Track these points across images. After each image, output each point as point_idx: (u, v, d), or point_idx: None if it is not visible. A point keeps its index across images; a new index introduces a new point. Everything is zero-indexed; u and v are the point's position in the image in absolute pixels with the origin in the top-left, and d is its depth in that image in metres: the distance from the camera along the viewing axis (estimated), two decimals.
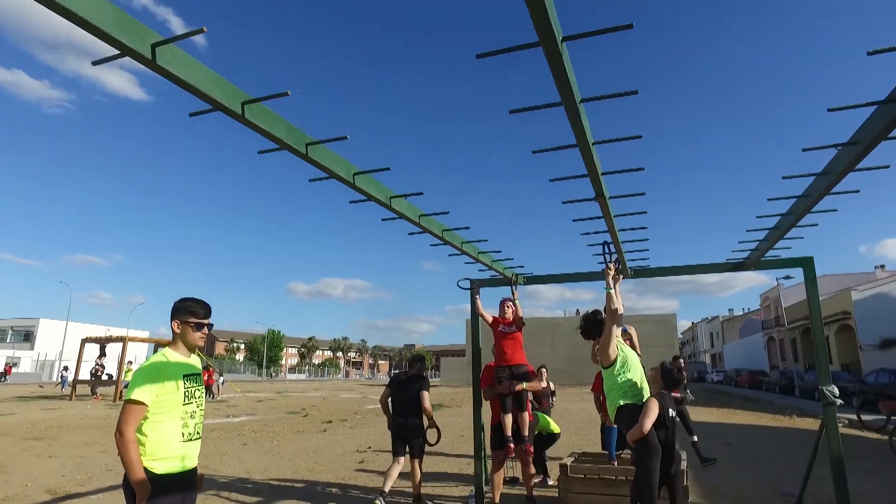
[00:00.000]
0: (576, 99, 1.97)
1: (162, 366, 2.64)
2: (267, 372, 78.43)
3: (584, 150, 2.40)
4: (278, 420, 15.30)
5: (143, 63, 1.74)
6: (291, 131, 2.36)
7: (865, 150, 2.88)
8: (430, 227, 3.82)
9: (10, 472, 7.36)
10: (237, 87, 2.10)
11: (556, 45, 1.78)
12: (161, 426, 2.58)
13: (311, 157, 2.44)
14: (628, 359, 3.94)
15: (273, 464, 8.26)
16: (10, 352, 56.58)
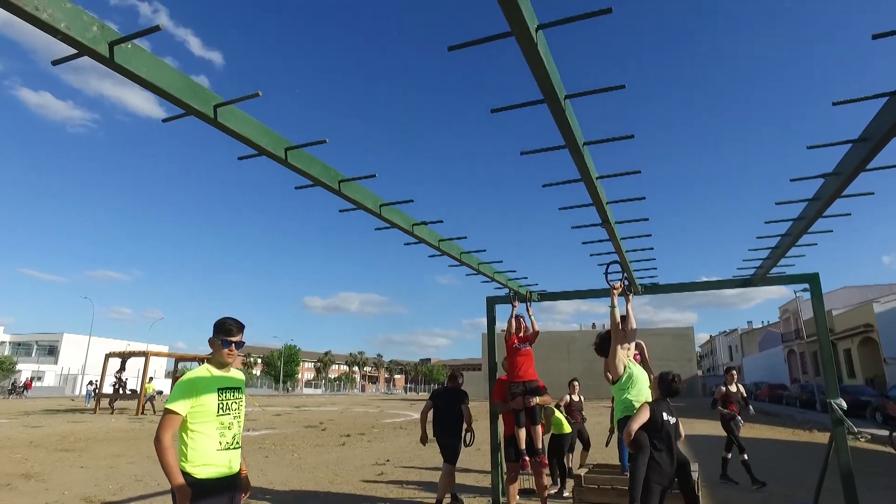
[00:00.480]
0: (578, 143, 2.22)
1: (197, 380, 2.88)
2: (283, 386, 78.93)
3: (589, 185, 2.64)
4: (297, 434, 15.55)
5: (207, 121, 2.02)
6: (326, 170, 2.64)
7: (876, 149, 2.60)
8: (449, 250, 4.07)
9: (48, 481, 7.71)
10: (282, 136, 2.38)
11: (532, 36, 1.79)
12: (199, 435, 2.82)
13: (344, 193, 2.72)
14: (633, 375, 4.11)
15: (294, 476, 8.50)
16: (36, 366, 57.81)
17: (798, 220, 3.66)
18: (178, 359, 27.53)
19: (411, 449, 12.00)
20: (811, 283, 5.23)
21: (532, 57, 1.88)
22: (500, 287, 5.68)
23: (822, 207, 3.09)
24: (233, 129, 2.16)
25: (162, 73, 1.96)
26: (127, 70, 1.87)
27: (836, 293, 46.49)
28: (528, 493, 6.95)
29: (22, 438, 13.25)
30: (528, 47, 1.83)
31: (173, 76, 2.00)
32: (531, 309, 5.63)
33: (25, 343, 63.79)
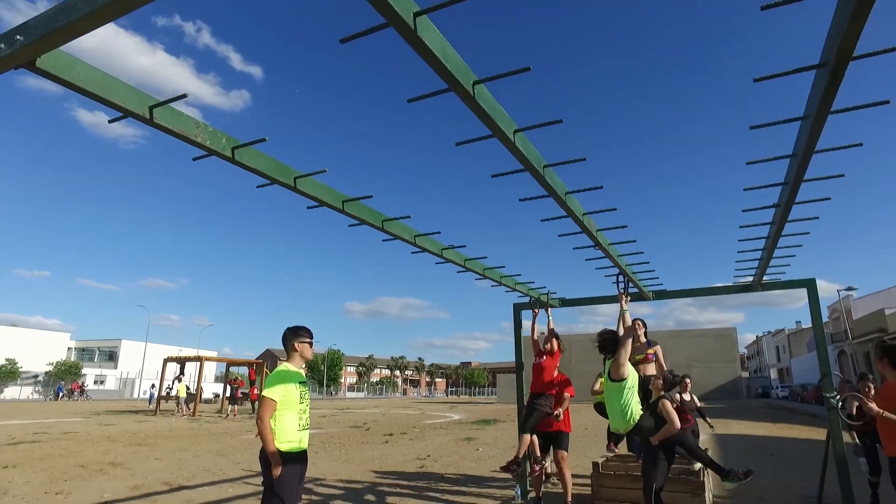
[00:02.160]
0: (560, 192, 2.88)
1: (285, 374, 3.72)
2: (327, 390, 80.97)
3: (577, 221, 3.28)
4: (343, 433, 16.50)
5: (227, 160, 2.61)
6: (373, 214, 3.38)
7: (817, 124, 2.55)
8: (473, 267, 4.80)
9: (131, 468, 8.81)
10: (289, 167, 3.03)
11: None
12: (284, 418, 3.64)
13: (387, 230, 3.46)
14: (634, 375, 4.56)
15: (343, 468, 9.36)
16: (98, 370, 61.45)
17: (777, 206, 3.84)
18: (230, 363, 29.11)
19: (451, 446, 12.73)
20: (808, 287, 5.69)
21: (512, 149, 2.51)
22: (522, 294, 6.37)
23: (790, 194, 3.38)
24: (249, 165, 2.83)
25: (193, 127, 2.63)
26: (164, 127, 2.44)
27: (892, 291, 44.69)
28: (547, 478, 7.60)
29: (99, 434, 14.66)
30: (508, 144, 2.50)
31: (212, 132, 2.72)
32: (549, 313, 6.26)
33: (89, 349, 67.82)
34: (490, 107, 2.35)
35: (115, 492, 7.02)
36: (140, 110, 2.18)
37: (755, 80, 2.38)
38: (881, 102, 2.34)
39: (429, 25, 1.95)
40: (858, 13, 1.77)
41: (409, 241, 4.14)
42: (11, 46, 1.63)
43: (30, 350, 55.16)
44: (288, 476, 3.56)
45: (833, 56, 2.03)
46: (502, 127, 2.43)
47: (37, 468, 8.85)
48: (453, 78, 2.10)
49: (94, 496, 6.73)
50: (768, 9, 2.04)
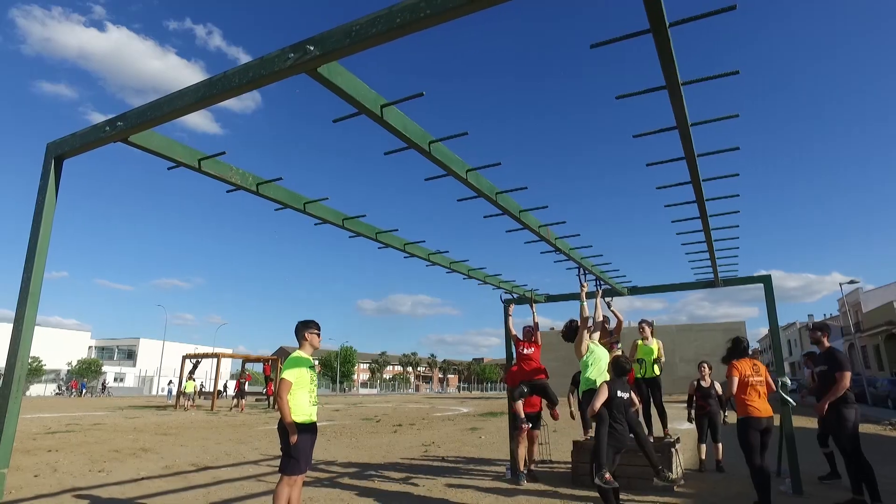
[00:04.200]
0: (515, 211, 3.62)
1: (299, 359, 4.49)
2: (340, 387, 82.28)
3: (534, 232, 4.01)
4: (354, 424, 17.35)
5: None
6: (369, 228, 4.15)
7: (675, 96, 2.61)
8: (474, 274, 5.53)
9: (160, 453, 9.70)
10: (256, 175, 3.88)
11: None
12: (299, 395, 4.41)
13: (380, 240, 4.22)
14: (595, 353, 5.29)
15: (353, 453, 10.16)
16: (118, 368, 63.16)
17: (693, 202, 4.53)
18: (246, 360, 30.14)
19: (456, 435, 13.51)
20: (765, 283, 6.35)
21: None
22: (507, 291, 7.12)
23: (697, 192, 3.99)
24: (270, 196, 3.66)
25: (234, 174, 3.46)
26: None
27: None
28: (542, 463, 8.33)
29: (126, 426, 15.64)
30: None
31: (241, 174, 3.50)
32: (534, 308, 6.98)
33: (108, 348, 69.67)
34: (447, 158, 3.10)
35: (150, 470, 7.87)
36: (191, 162, 2.93)
37: (591, 47, 2.37)
38: (731, 72, 2.47)
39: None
40: None
41: (399, 248, 4.96)
42: (114, 128, 2.39)
43: (52, 349, 56.89)
44: (303, 442, 4.34)
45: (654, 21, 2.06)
46: (456, 170, 3.19)
47: (76, 452, 9.76)
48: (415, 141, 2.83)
49: (132, 473, 7.58)
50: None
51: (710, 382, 7.79)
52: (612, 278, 6.34)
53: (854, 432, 5.27)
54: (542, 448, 8.98)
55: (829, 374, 5.40)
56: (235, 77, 2.14)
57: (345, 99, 2.31)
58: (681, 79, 2.47)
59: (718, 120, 2.88)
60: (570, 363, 6.92)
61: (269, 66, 2.05)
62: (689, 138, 2.98)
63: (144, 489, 6.58)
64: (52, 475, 7.46)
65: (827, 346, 5.64)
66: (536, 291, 7.31)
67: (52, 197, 2.57)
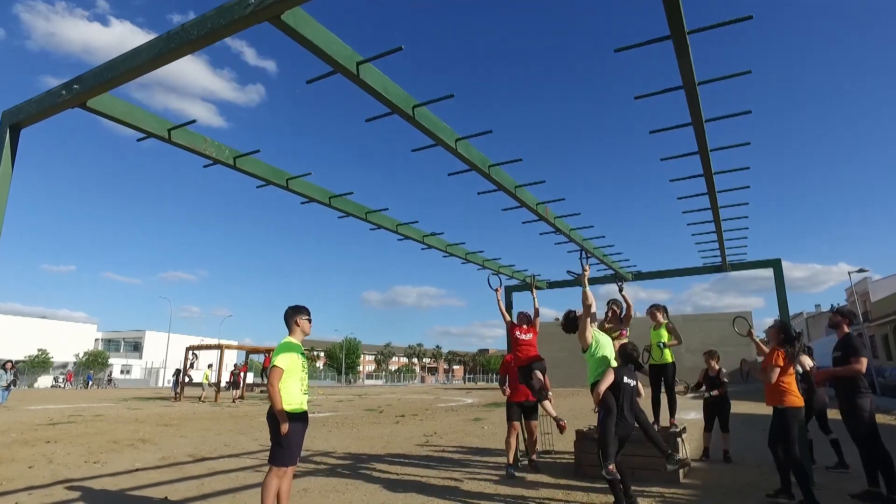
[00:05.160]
0: (510, 187, 3.39)
1: (292, 346, 4.31)
2: (346, 378, 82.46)
3: (569, 236, 3.80)
4: (357, 415, 17.24)
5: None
6: (358, 207, 3.95)
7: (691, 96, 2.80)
8: (472, 258, 5.33)
9: (159, 444, 9.59)
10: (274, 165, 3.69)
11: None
12: (289, 383, 4.23)
13: (370, 220, 4.02)
14: (600, 343, 5.04)
15: (353, 443, 10.02)
16: (124, 360, 63.49)
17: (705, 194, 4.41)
18: (249, 351, 30.11)
19: (459, 425, 13.36)
20: (774, 267, 6.11)
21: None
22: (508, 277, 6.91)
23: (708, 184, 3.88)
24: (248, 171, 3.45)
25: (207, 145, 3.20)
26: (181, 145, 2.98)
27: None
28: (546, 453, 8.15)
29: (129, 416, 15.60)
30: None
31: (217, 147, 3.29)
32: (535, 293, 6.75)
33: (114, 340, 70.05)
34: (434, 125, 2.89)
35: (146, 461, 7.75)
36: (160, 132, 2.73)
37: (615, 51, 2.68)
38: (743, 73, 2.63)
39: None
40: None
41: (391, 229, 4.74)
42: (71, 92, 2.19)
43: (59, 341, 57.25)
44: (294, 432, 4.16)
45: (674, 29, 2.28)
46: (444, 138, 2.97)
47: (75, 443, 9.66)
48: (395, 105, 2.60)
49: (128, 465, 7.46)
50: None
51: (717, 370, 7.66)
52: (615, 262, 6.11)
53: (870, 421, 5.07)
54: (544, 438, 8.82)
55: (843, 361, 5.17)
56: (193, 29, 1.94)
57: (315, 53, 2.13)
58: (697, 78, 2.60)
59: (731, 77, 2.70)
60: (572, 354, 6.73)
61: (227, 14, 1.85)
62: (695, 98, 2.79)
63: (138, 480, 6.45)
64: (46, 466, 7.35)
65: (846, 332, 5.41)
66: (538, 277, 7.10)
67: (7, 167, 2.37)
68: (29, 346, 53.79)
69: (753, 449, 8.28)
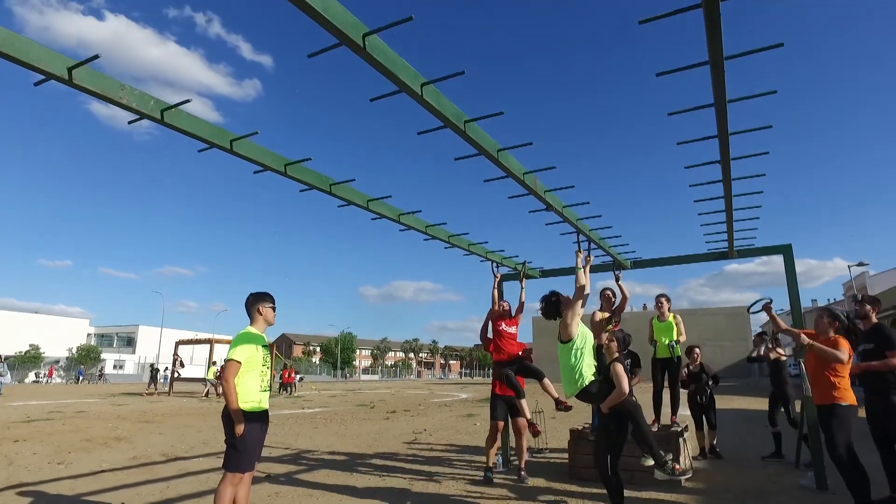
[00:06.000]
0: (519, 173, 2.93)
1: (249, 336, 3.85)
2: (342, 373, 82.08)
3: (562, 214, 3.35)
4: (348, 411, 16.81)
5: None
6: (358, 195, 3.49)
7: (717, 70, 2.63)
8: (456, 241, 4.88)
9: (133, 442, 9.13)
10: (281, 155, 3.22)
11: None
12: (247, 379, 3.77)
13: (372, 209, 3.57)
14: (587, 335, 4.27)
15: (338, 441, 9.58)
16: (117, 355, 62.88)
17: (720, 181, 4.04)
18: None
19: (450, 422, 12.94)
20: (785, 253, 5.67)
21: None
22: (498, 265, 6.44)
23: (724, 170, 3.52)
24: (181, 128, 3.14)
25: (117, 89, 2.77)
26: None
27: None
28: (539, 452, 7.72)
29: (111, 413, 15.13)
30: None
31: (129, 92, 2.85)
32: (524, 283, 6.28)
33: (107, 335, 69.41)
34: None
35: (114, 462, 7.29)
36: (59, 72, 2.26)
37: (640, 22, 2.53)
38: (775, 46, 2.39)
39: None
40: None
41: (393, 219, 4.41)
42: None
43: (51, 336, 56.64)
44: (250, 434, 3.71)
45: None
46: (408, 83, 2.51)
47: (45, 442, 9.19)
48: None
49: (93, 466, 7.00)
50: None
51: (700, 367, 7.55)
52: (612, 247, 5.65)
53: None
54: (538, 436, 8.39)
55: (876, 354, 4.62)
56: None
57: (319, 22, 2.04)
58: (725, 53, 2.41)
59: (762, 50, 2.28)
60: None
61: None
62: (721, 75, 2.60)
63: (99, 483, 6.00)
64: (5, 468, 6.88)
65: (874, 322, 4.92)
66: (530, 264, 6.63)
67: None
68: (20, 341, 53.19)
69: (759, 448, 7.88)
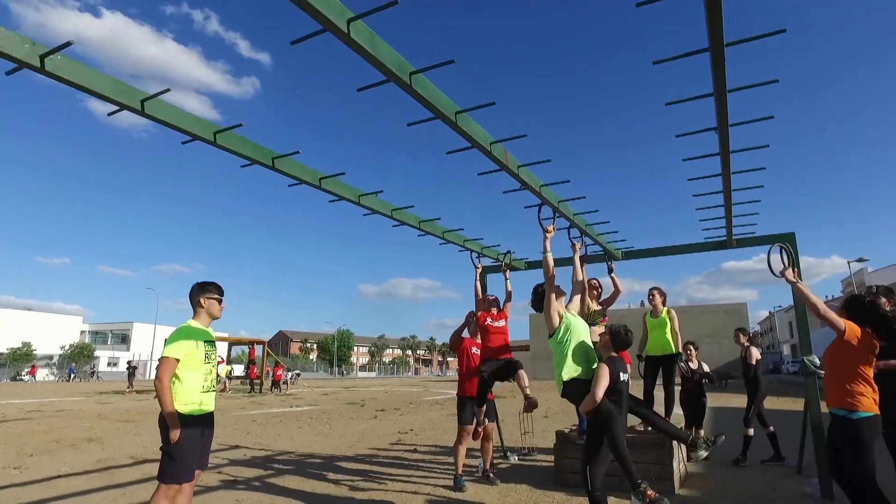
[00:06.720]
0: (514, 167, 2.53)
1: (189, 331, 3.44)
2: (339, 370, 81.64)
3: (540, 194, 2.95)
4: (336, 409, 16.41)
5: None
6: (349, 191, 3.08)
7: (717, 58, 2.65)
8: (427, 228, 4.49)
9: (105, 443, 8.72)
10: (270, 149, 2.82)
11: None
12: (186, 378, 3.36)
13: (364, 204, 3.16)
14: (572, 326, 3.90)
15: (318, 442, 9.17)
16: (111, 352, 62.39)
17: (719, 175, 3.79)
18: (232, 342, 29.24)
19: (438, 421, 12.53)
20: (788, 242, 5.27)
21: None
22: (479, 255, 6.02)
23: (724, 161, 3.22)
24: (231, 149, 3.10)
25: (94, 79, 2.50)
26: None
27: None
28: (529, 452, 7.32)
29: (92, 412, 14.72)
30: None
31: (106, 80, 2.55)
32: (508, 274, 5.87)
33: (102, 332, 68.89)
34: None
35: (76, 466, 6.88)
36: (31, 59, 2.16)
37: (637, 5, 2.50)
38: (777, 32, 2.35)
39: None
40: None
41: (385, 214, 4.41)
42: None
43: (44, 333, 56.11)
44: (188, 440, 3.30)
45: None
46: None
47: (11, 444, 8.78)
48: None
49: (51, 471, 6.58)
50: None
51: (697, 364, 7.28)
52: (600, 235, 5.21)
53: None
54: (526, 437, 8.00)
55: (892, 351, 4.14)
56: None
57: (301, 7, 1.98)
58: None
59: (763, 37, 2.12)
60: None
61: None
62: (721, 63, 2.58)
63: (52, 490, 5.59)
64: None
65: None
66: (514, 255, 6.22)
67: None
68: (12, 338, 52.69)
69: (758, 450, 7.48)
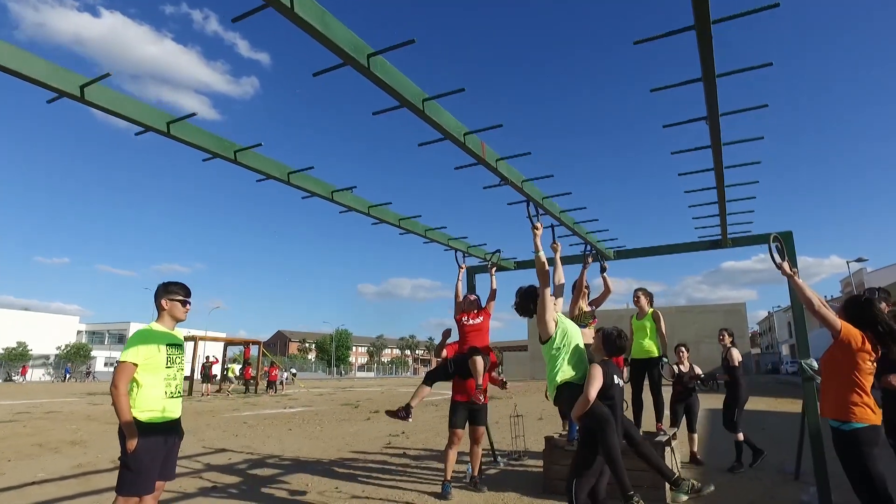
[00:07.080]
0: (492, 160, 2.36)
1: (149, 334, 3.25)
2: (337, 370, 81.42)
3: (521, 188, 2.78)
4: (330, 410, 16.23)
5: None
6: (321, 186, 2.92)
7: (710, 86, 2.78)
8: (407, 225, 4.36)
9: (88, 447, 8.53)
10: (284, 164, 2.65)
11: None
12: (146, 384, 3.17)
13: (337, 200, 2.99)
14: (568, 331, 3.80)
15: (307, 445, 8.98)
16: (108, 352, 62.13)
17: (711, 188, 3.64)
18: (227, 343, 29.06)
19: (432, 423, 12.34)
20: (784, 241, 5.09)
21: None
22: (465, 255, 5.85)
23: (716, 157, 3.09)
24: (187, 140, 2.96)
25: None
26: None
27: None
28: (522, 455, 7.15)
29: (81, 413, 14.54)
30: None
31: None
32: (494, 273, 5.70)
33: (98, 332, 68.67)
34: None
35: (56, 471, 6.70)
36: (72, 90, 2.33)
37: (634, 43, 2.59)
38: (770, 6, 2.37)
39: None
40: None
41: (393, 223, 4.56)
42: None
43: (40, 333, 55.83)
44: (147, 450, 3.11)
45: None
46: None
47: None
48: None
49: (28, 477, 6.39)
50: None
51: (688, 367, 7.06)
52: (590, 233, 5.03)
53: None
54: (517, 441, 7.83)
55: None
56: None
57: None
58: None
59: (754, 12, 2.41)
60: None
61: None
62: (709, 44, 2.49)
63: (24, 497, 5.41)
64: None
65: None
66: (501, 255, 6.04)
67: None
68: (8, 338, 52.44)
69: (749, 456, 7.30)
